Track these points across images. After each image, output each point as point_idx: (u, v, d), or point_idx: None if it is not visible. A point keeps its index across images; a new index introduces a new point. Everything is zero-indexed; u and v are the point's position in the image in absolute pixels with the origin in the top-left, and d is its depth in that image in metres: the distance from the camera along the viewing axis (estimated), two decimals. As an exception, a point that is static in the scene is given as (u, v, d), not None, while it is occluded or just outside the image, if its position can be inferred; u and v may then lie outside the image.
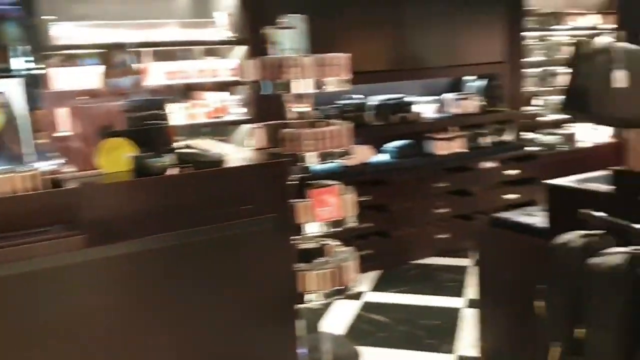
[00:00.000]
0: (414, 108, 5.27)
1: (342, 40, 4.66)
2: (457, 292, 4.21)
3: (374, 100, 5.10)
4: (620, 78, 1.95)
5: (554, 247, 2.16)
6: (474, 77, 5.74)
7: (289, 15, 3.18)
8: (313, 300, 3.09)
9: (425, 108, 5.41)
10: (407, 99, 5.29)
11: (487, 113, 5.52)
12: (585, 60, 1.94)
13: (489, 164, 5.34)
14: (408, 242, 4.90)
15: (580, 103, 1.94)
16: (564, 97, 2.01)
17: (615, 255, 1.97)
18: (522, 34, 5.76)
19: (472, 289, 3.94)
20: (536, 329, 2.25)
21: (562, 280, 2.10)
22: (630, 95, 1.93)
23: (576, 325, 2.04)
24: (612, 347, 1.90)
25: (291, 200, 2.94)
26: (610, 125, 2.43)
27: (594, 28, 6.17)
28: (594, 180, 2.57)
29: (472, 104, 5.46)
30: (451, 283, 4.39)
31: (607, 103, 1.93)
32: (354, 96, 5.15)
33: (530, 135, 5.98)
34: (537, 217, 2.88)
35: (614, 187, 2.33)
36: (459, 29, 5.34)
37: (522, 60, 5.78)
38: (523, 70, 5.84)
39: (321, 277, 3.03)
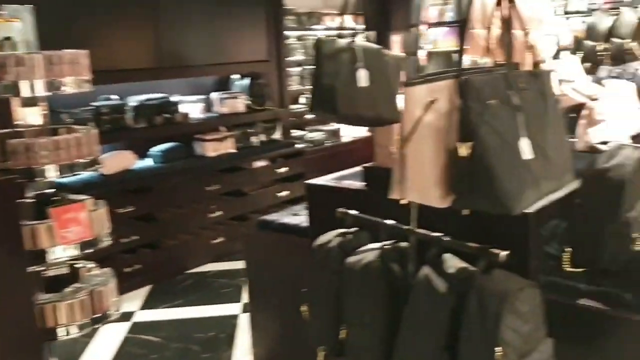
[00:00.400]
0: (181, 108, 5.02)
1: (90, 36, 4.23)
2: (234, 297, 4.09)
3: (135, 101, 4.73)
4: (363, 77, 1.95)
5: (313, 248, 2.13)
6: (240, 76, 5.67)
7: (12, 5, 2.72)
8: (68, 333, 2.71)
9: (192, 108, 5.19)
10: (173, 98, 5.02)
11: (254, 112, 5.49)
12: (328, 59, 1.91)
13: (260, 163, 5.33)
14: (182, 251, 4.64)
15: (326, 104, 1.90)
16: (310, 97, 1.96)
17: (369, 252, 1.99)
18: (285, 33, 5.85)
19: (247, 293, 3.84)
20: (304, 332, 2.21)
21: (322, 282, 2.07)
22: (372, 94, 1.95)
23: (340, 327, 2.02)
24: (371, 345, 1.91)
25: (27, 224, 2.51)
26: (356, 125, 2.48)
27: (346, 28, 6.51)
28: (351, 177, 2.62)
29: (240, 103, 5.39)
30: (228, 289, 4.25)
31: (352, 103, 1.93)
32: (112, 97, 4.72)
33: (298, 132, 6.13)
34: (302, 217, 2.87)
35: (365, 183, 2.38)
36: (221, 26, 5.21)
37: (286, 59, 5.87)
38: (288, 69, 5.95)
39: (73, 307, 2.65)
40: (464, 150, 1.47)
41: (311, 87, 1.97)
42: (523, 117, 1.53)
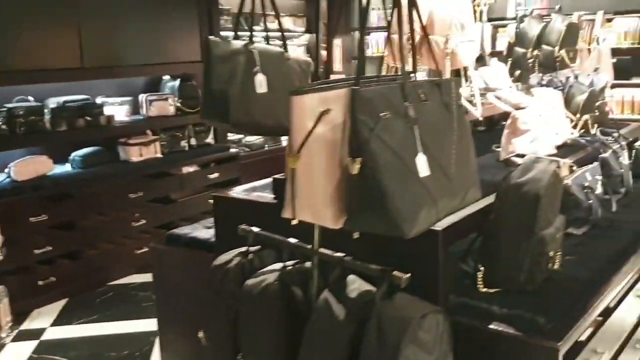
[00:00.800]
0: (106, 110, 4.74)
1: (4, 34, 3.94)
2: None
3: (54, 102, 4.43)
4: (261, 83, 1.79)
5: (211, 269, 1.96)
6: (171, 77, 5.41)
7: None
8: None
9: (117, 110, 4.92)
10: (97, 100, 4.75)
11: (185, 114, 5.24)
12: (222, 62, 1.74)
13: (189, 169, 5.10)
14: (103, 261, 4.37)
15: (217, 110, 1.73)
16: (201, 103, 1.79)
17: (270, 273, 1.83)
18: (221, 33, 5.63)
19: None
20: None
21: (220, 306, 1.90)
22: (271, 101, 1.80)
23: (237, 355, 1.86)
24: (269, 375, 1.76)
25: None
26: (254, 134, 2.32)
27: (287, 30, 6.36)
28: (263, 189, 2.45)
29: (170, 106, 5.14)
30: (150, 302, 4.00)
31: (248, 110, 1.77)
32: (29, 98, 4.42)
33: (235, 136, 5.91)
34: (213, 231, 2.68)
35: (274, 196, 2.22)
36: (152, 25, 4.94)
37: (221, 60, 5.64)
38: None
39: (-46, 331, 2.40)
40: (353, 166, 1.33)
41: (203, 92, 1.79)
42: (421, 131, 1.40)
